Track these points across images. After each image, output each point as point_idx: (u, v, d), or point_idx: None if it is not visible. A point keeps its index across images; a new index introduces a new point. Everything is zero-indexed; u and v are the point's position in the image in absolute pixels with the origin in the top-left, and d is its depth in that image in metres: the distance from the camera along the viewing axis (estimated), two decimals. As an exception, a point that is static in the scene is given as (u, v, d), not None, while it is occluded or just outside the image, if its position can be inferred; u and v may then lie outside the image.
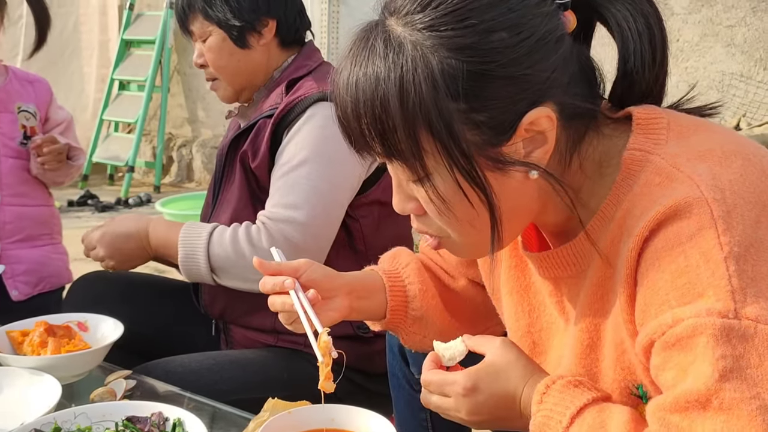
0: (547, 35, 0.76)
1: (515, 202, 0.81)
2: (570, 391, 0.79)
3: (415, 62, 0.74)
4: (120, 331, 1.36)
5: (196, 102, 5.88)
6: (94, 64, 6.04)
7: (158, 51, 5.52)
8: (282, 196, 1.44)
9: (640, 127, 0.81)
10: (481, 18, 0.74)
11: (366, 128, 0.78)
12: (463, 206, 0.79)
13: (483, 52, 0.73)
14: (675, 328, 0.68)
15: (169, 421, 1.07)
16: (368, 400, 1.25)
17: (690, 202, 0.71)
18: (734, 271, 0.67)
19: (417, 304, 1.11)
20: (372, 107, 0.76)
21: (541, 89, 0.76)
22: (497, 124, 0.75)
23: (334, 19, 4.71)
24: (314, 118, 1.46)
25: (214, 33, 1.55)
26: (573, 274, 0.86)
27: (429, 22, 0.74)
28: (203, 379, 1.41)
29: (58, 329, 1.38)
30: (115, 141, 5.74)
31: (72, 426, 1.06)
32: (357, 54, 0.78)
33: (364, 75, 0.76)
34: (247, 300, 1.52)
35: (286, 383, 1.47)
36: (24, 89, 1.88)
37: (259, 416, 1.07)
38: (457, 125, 0.74)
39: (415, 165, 0.77)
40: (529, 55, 0.75)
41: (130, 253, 1.52)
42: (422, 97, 0.74)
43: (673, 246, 0.70)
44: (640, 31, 0.80)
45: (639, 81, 0.82)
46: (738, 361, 0.65)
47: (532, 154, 0.78)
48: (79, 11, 5.97)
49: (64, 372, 1.27)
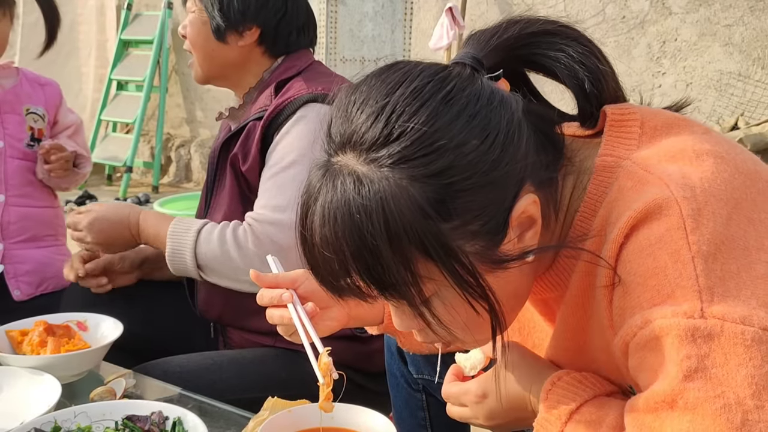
0: (509, 125, 0.74)
1: (516, 288, 0.80)
2: (573, 387, 0.80)
3: (396, 198, 0.70)
4: (119, 331, 1.36)
5: (195, 102, 5.88)
6: (91, 64, 6.04)
7: (156, 51, 5.52)
8: (269, 198, 1.45)
9: (613, 130, 0.81)
10: (449, 136, 0.71)
11: (357, 278, 0.74)
12: (467, 315, 0.77)
13: (462, 168, 0.71)
14: (644, 329, 0.69)
15: (168, 420, 1.07)
16: (366, 399, 1.25)
17: (659, 203, 0.71)
18: (702, 270, 0.67)
19: None
20: (362, 259, 0.71)
21: (519, 179, 0.75)
22: (491, 227, 0.74)
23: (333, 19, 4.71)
24: (304, 119, 1.45)
25: (198, 12, 1.57)
26: (560, 294, 0.86)
27: (397, 156, 0.70)
28: (202, 379, 1.41)
29: (57, 329, 1.39)
30: (114, 141, 5.74)
31: (72, 425, 1.06)
32: (326, 202, 0.72)
33: (343, 232, 0.71)
34: (244, 303, 1.52)
35: (284, 383, 1.47)
36: (34, 91, 1.89)
37: (259, 415, 1.08)
38: (454, 243, 0.72)
39: (412, 293, 0.74)
40: (503, 152, 0.73)
41: (117, 241, 1.55)
42: (412, 228, 0.70)
43: (643, 248, 0.71)
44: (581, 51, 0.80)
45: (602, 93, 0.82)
46: (703, 361, 0.65)
47: (524, 238, 0.77)
48: (76, 11, 5.96)
49: (64, 371, 1.27)
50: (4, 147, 1.82)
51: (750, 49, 3.48)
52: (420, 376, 1.30)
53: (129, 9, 5.80)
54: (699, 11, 3.57)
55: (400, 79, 0.74)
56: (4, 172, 1.82)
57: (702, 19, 3.57)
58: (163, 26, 5.53)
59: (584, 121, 0.85)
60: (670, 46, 3.65)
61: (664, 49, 3.66)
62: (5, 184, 1.83)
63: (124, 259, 1.64)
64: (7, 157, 1.82)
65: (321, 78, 1.54)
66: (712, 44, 3.56)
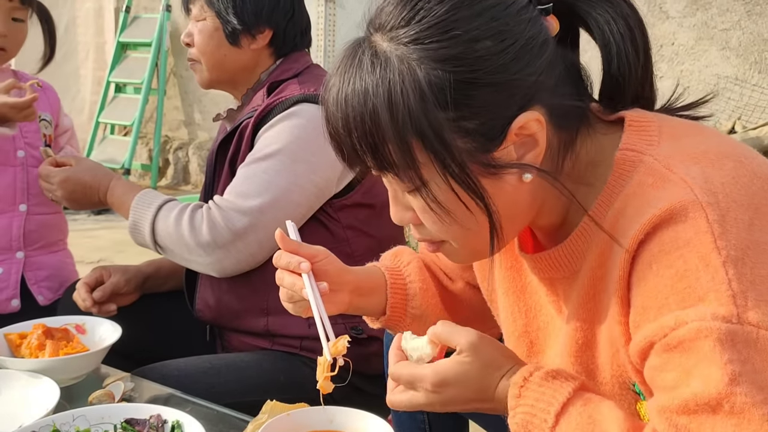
0: (531, 40, 0.77)
1: (511, 205, 0.81)
2: (549, 384, 0.79)
3: (402, 75, 0.75)
4: (118, 334, 1.36)
5: (193, 104, 5.88)
6: (90, 66, 6.04)
7: (154, 53, 5.52)
8: (236, 185, 1.47)
9: (632, 128, 0.82)
10: (465, 28, 0.75)
11: (357, 143, 0.79)
12: (461, 212, 0.80)
13: (469, 62, 0.75)
14: (678, 330, 0.69)
15: (167, 423, 1.07)
16: (364, 401, 1.25)
17: (685, 205, 0.71)
18: (733, 275, 0.68)
19: (417, 303, 1.12)
20: (362, 122, 0.77)
21: (529, 93, 0.77)
22: (487, 130, 0.76)
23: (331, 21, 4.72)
24: (291, 117, 1.47)
25: (209, 19, 1.56)
26: (567, 275, 0.87)
27: (414, 35, 0.76)
28: (199, 382, 1.41)
29: (56, 332, 1.38)
30: (112, 143, 5.74)
31: (70, 428, 1.06)
32: (345, 71, 0.79)
33: (352, 90, 0.77)
34: (240, 302, 1.53)
35: (282, 386, 1.47)
36: (41, 97, 1.86)
37: (258, 418, 1.08)
38: (447, 134, 0.75)
39: (410, 175, 0.78)
40: (515, 61, 0.76)
41: (85, 202, 1.61)
42: (411, 109, 0.75)
43: (670, 250, 0.71)
44: (622, 33, 0.81)
45: (626, 83, 0.83)
46: (745, 366, 0.66)
47: (525, 158, 0.79)
48: (74, 13, 5.97)
49: (63, 374, 1.27)
50: (26, 156, 1.80)
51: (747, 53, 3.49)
52: (418, 379, 1.30)
53: (127, 11, 5.80)
54: (696, 15, 3.58)
55: None
56: (27, 182, 1.80)
57: (699, 23, 3.58)
58: (162, 29, 5.54)
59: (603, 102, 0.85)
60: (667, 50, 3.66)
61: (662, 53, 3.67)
62: (27, 194, 1.81)
63: (129, 282, 1.64)
64: (28, 166, 1.80)
65: (316, 80, 1.55)
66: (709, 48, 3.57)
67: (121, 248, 4.22)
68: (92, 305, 1.57)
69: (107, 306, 1.59)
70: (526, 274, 0.97)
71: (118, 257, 4.04)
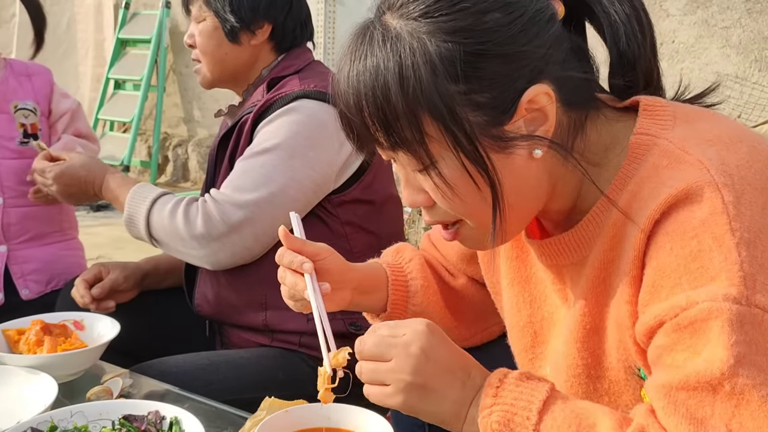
0: (539, 14, 0.78)
1: (522, 182, 0.81)
2: (525, 384, 0.79)
3: (412, 49, 0.75)
4: (116, 330, 1.36)
5: (192, 101, 5.87)
6: (89, 63, 6.04)
7: (154, 50, 5.51)
8: (233, 179, 1.47)
9: (647, 113, 0.82)
10: (473, 1, 0.76)
11: (369, 119, 0.79)
12: (470, 189, 0.79)
13: (478, 33, 0.75)
14: (689, 310, 0.69)
15: (165, 419, 1.07)
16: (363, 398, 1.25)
17: (701, 185, 0.71)
18: (746, 257, 0.68)
19: (418, 300, 1.12)
20: (374, 97, 0.77)
21: (538, 66, 0.77)
22: (498, 103, 0.77)
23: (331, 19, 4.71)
24: (291, 112, 1.47)
25: (209, 19, 1.57)
26: (575, 260, 0.87)
27: (423, 9, 0.76)
28: (198, 379, 1.41)
29: (54, 328, 1.38)
30: (111, 140, 5.73)
31: (68, 425, 1.06)
32: (356, 49, 0.79)
33: (363, 67, 0.78)
34: (238, 297, 1.53)
35: (281, 383, 1.47)
36: (21, 85, 1.85)
37: (256, 415, 1.08)
38: (458, 107, 0.76)
39: (420, 152, 0.78)
40: (523, 32, 0.76)
41: (81, 196, 1.63)
42: (422, 82, 0.75)
43: (685, 230, 0.71)
44: (627, 13, 0.82)
45: (636, 61, 0.83)
46: (749, 347, 0.67)
47: (536, 133, 0.79)
48: (73, 9, 5.96)
49: (61, 370, 1.26)
50: (3, 202, 1.77)
51: (747, 51, 3.48)
52: (417, 377, 1.30)
53: (127, 8, 5.79)
54: (696, 13, 3.58)
55: None
56: (1, 227, 1.78)
57: (699, 21, 3.58)
58: (161, 25, 5.53)
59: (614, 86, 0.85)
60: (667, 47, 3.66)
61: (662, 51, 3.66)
62: (0, 186, 1.80)
63: (128, 278, 1.63)
64: (7, 207, 1.78)
65: (317, 76, 1.54)
66: (710, 46, 3.57)
67: (119, 245, 4.22)
68: (90, 302, 1.57)
69: (105, 303, 1.59)
70: (531, 264, 0.97)
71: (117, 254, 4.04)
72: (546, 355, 0.96)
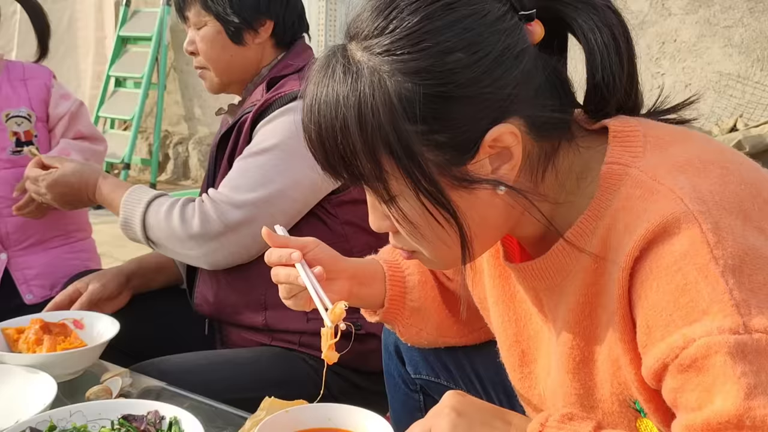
0: (506, 51, 0.75)
1: (485, 217, 0.81)
2: (567, 426, 0.77)
3: (372, 87, 0.74)
4: (116, 329, 1.36)
5: (193, 99, 5.87)
6: (90, 60, 6.03)
7: (155, 48, 5.50)
8: (231, 179, 1.47)
9: (617, 140, 0.80)
10: (435, 40, 0.74)
11: (329, 153, 0.78)
12: (432, 226, 0.79)
13: (439, 74, 0.73)
14: (688, 349, 0.67)
15: (165, 419, 1.07)
16: (363, 398, 1.25)
17: (677, 217, 0.70)
18: (734, 284, 0.67)
19: (415, 295, 1.11)
20: (333, 133, 0.76)
21: (503, 106, 0.76)
22: (459, 143, 0.76)
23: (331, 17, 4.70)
24: (290, 112, 1.46)
25: (210, 24, 1.55)
26: (549, 286, 0.86)
27: (386, 46, 0.75)
28: (197, 378, 1.41)
29: (53, 327, 1.38)
30: (111, 138, 5.70)
31: (68, 424, 1.06)
32: (319, 80, 0.78)
33: (325, 100, 0.77)
34: (237, 297, 1.52)
35: (281, 383, 1.47)
36: (15, 91, 1.81)
37: (256, 415, 1.07)
38: (416, 147, 0.74)
39: (380, 188, 0.78)
40: (488, 73, 0.74)
41: (75, 202, 1.62)
42: (380, 121, 0.74)
43: (667, 265, 0.70)
44: (606, 42, 0.80)
45: (610, 94, 0.82)
46: (758, 376, 0.65)
47: (500, 170, 0.78)
48: (74, 7, 5.95)
49: (60, 370, 1.26)
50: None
51: (749, 51, 3.48)
52: (418, 377, 1.30)
53: (127, 5, 5.79)
54: (698, 12, 3.57)
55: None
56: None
57: (701, 20, 3.57)
58: (162, 23, 5.52)
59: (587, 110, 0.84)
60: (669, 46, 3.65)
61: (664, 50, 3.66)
62: (3, 244, 1.78)
63: (107, 285, 1.59)
64: (3, 217, 1.76)
65: None
66: (712, 45, 3.56)
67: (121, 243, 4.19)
68: None
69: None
70: (514, 283, 0.96)
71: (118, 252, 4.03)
72: (536, 375, 0.95)
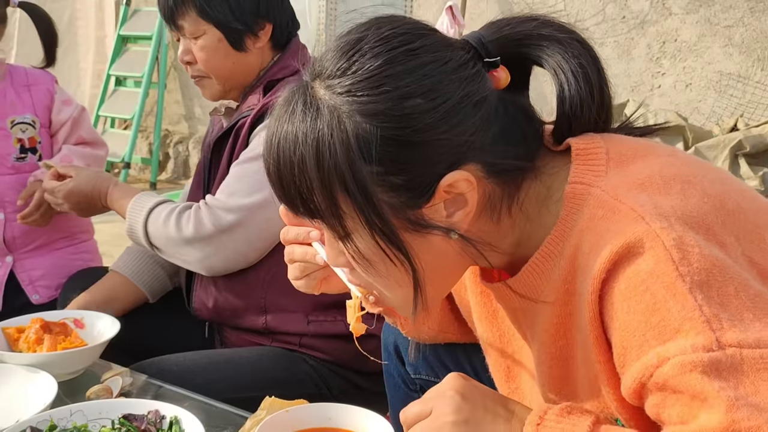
0: (465, 99, 0.76)
1: (437, 263, 0.81)
2: (566, 419, 0.77)
3: (330, 126, 0.75)
4: (117, 329, 1.36)
5: (193, 98, 5.87)
6: (90, 59, 6.02)
7: (155, 47, 5.50)
8: (228, 185, 1.47)
9: (580, 158, 0.81)
10: (395, 85, 0.75)
11: (287, 188, 0.79)
12: (386, 264, 0.80)
13: (397, 118, 0.74)
14: (662, 368, 0.68)
15: (165, 419, 1.07)
16: (363, 398, 1.25)
17: (640, 237, 0.70)
18: (702, 300, 0.67)
19: None
20: (291, 168, 0.77)
21: (459, 152, 0.77)
22: (414, 186, 0.76)
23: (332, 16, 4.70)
24: None
25: (209, 32, 1.50)
26: (523, 306, 0.87)
27: (348, 87, 0.76)
28: (198, 378, 1.41)
29: (54, 326, 1.38)
30: (112, 137, 5.72)
31: (68, 423, 1.06)
32: (280, 116, 0.79)
33: (284, 137, 0.78)
34: (237, 300, 1.52)
35: (281, 382, 1.47)
36: (19, 98, 1.82)
37: (256, 414, 1.07)
38: (372, 187, 0.75)
39: (335, 225, 0.79)
40: (445, 119, 0.75)
41: (92, 210, 1.66)
42: (337, 160, 0.75)
43: (635, 285, 0.70)
44: (574, 72, 0.80)
45: (578, 122, 0.82)
46: (738, 390, 0.64)
47: (454, 216, 0.79)
48: (75, 6, 5.95)
49: (60, 369, 1.26)
50: (5, 217, 1.78)
51: (750, 50, 3.47)
52: (418, 376, 1.30)
53: (128, 5, 5.78)
54: (699, 12, 3.57)
55: (384, 23, 0.79)
56: (4, 241, 1.80)
57: (702, 19, 3.57)
58: (162, 22, 5.50)
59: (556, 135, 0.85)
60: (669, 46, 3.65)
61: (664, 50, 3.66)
62: (9, 248, 1.82)
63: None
64: (8, 222, 1.79)
65: None
66: (712, 45, 3.56)
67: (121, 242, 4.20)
68: None
69: None
70: (495, 300, 0.97)
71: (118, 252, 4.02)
72: (522, 391, 0.96)
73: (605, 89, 0.83)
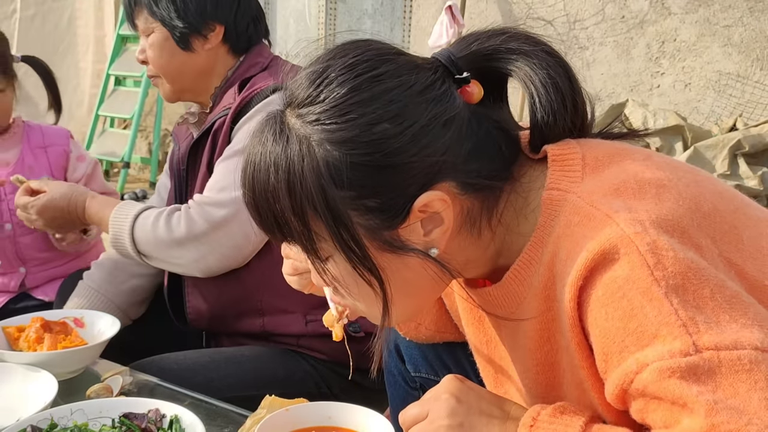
0: (433, 121, 0.77)
1: (410, 283, 0.83)
2: (559, 419, 0.78)
3: (301, 154, 0.77)
4: (117, 328, 1.36)
5: (193, 98, 5.87)
6: (89, 59, 6.02)
7: (154, 46, 5.49)
8: (215, 182, 1.46)
9: (556, 164, 0.81)
10: (362, 111, 0.76)
11: (263, 214, 0.81)
12: (361, 285, 0.81)
13: (365, 144, 0.76)
14: (641, 374, 0.68)
15: (166, 417, 1.07)
16: (363, 396, 1.25)
17: (614, 243, 0.70)
18: (678, 304, 0.67)
19: None
20: (265, 195, 0.79)
21: (431, 172, 0.78)
22: (389, 208, 0.77)
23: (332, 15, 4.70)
24: (269, 107, 1.44)
25: (157, 30, 1.52)
26: (506, 313, 0.87)
27: (317, 115, 0.77)
28: (198, 376, 1.41)
29: (54, 325, 1.38)
30: (111, 137, 5.72)
31: (68, 422, 1.06)
32: (255, 143, 0.81)
33: (258, 164, 0.80)
34: (231, 306, 1.52)
35: (282, 381, 1.47)
36: (37, 161, 1.86)
37: (257, 413, 1.08)
38: (344, 211, 0.77)
39: (310, 249, 0.80)
40: (414, 142, 0.76)
41: (66, 224, 1.62)
42: (308, 187, 0.76)
43: (613, 292, 0.70)
44: (543, 83, 0.81)
45: (551, 131, 0.83)
46: (716, 394, 0.65)
47: (431, 234, 0.80)
48: (74, 6, 5.95)
49: (61, 368, 1.26)
50: (12, 228, 1.82)
51: (749, 50, 3.48)
52: (418, 374, 1.30)
53: (127, 4, 5.78)
54: (698, 12, 3.57)
55: (349, 50, 0.79)
56: (16, 252, 1.84)
57: (701, 19, 3.57)
58: (162, 22, 5.51)
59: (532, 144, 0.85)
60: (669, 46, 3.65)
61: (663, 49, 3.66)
62: (21, 260, 1.86)
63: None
64: (17, 237, 1.83)
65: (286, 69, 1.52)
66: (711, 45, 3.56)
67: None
68: None
69: None
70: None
71: (118, 251, 4.03)
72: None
73: (577, 97, 0.84)
